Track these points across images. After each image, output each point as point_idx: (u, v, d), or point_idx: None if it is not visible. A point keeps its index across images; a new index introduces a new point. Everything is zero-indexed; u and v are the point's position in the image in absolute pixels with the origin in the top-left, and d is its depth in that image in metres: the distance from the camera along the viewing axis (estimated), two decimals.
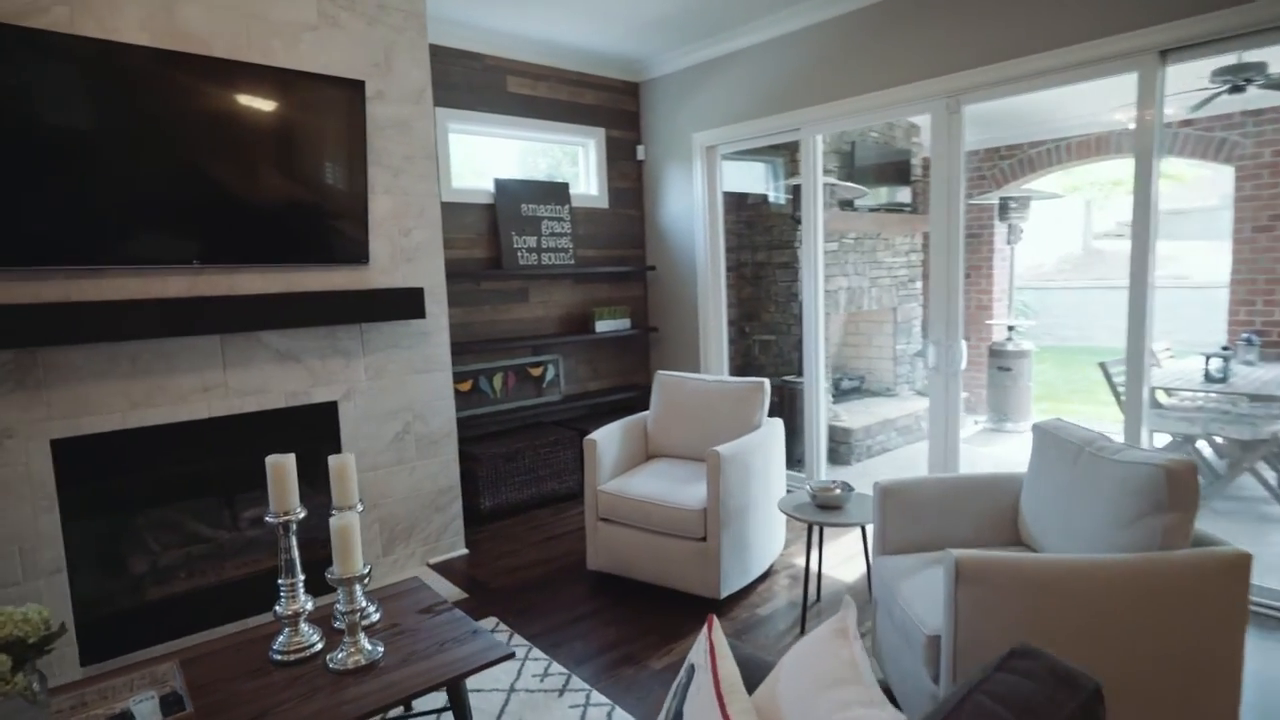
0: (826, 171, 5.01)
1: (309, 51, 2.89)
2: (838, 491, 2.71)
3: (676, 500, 2.83)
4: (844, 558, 3.29)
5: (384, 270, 3.16)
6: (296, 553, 1.83)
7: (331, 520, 1.69)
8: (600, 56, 4.49)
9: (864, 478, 4.38)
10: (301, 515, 1.85)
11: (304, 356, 2.96)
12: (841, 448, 4.97)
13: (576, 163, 4.74)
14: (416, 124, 3.20)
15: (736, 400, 3.18)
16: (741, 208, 5.26)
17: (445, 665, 1.75)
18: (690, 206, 4.59)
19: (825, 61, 3.71)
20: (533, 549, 3.51)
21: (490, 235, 4.21)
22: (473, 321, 4.16)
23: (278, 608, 1.83)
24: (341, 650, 1.75)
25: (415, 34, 3.17)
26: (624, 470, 3.24)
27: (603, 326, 4.56)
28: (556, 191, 4.44)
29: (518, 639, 2.64)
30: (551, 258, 4.40)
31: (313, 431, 3.02)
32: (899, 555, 2.24)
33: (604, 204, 4.74)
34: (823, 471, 4.13)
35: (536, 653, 2.55)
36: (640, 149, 4.86)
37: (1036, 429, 2.28)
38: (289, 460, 1.85)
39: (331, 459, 1.91)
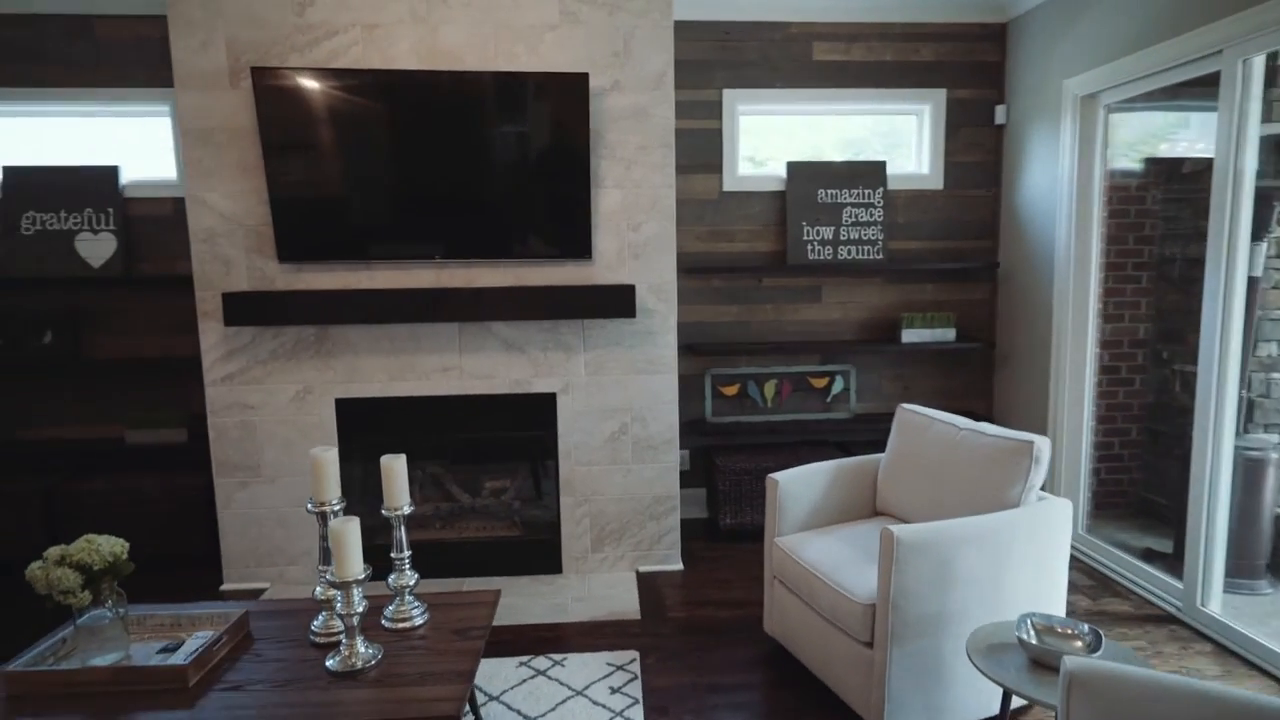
0: None
1: (549, 52, 2.96)
2: (1077, 642, 1.68)
3: (845, 581, 2.12)
4: None
5: (609, 266, 3.10)
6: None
7: (331, 524, 1.72)
8: None
9: None
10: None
11: (528, 348, 3.11)
12: None
13: (898, 137, 3.90)
14: (654, 111, 3.02)
15: (988, 462, 2.22)
16: (1174, 178, 3.63)
17: (394, 702, 1.63)
18: (1054, 183, 3.36)
19: None
20: (744, 586, 3.09)
21: (778, 226, 3.78)
22: (750, 321, 3.82)
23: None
24: (342, 650, 1.77)
25: (659, 16, 2.98)
26: (826, 522, 2.58)
27: (912, 336, 3.70)
28: (867, 173, 3.73)
29: (632, 688, 2.34)
30: (852, 251, 3.74)
31: (533, 419, 3.16)
32: None
33: (936, 184, 3.81)
34: (1213, 590, 2.64)
35: (635, 712, 2.23)
36: (1000, 110, 3.74)
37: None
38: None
39: (383, 460, 1.94)
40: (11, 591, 3.13)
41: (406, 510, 1.97)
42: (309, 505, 1.89)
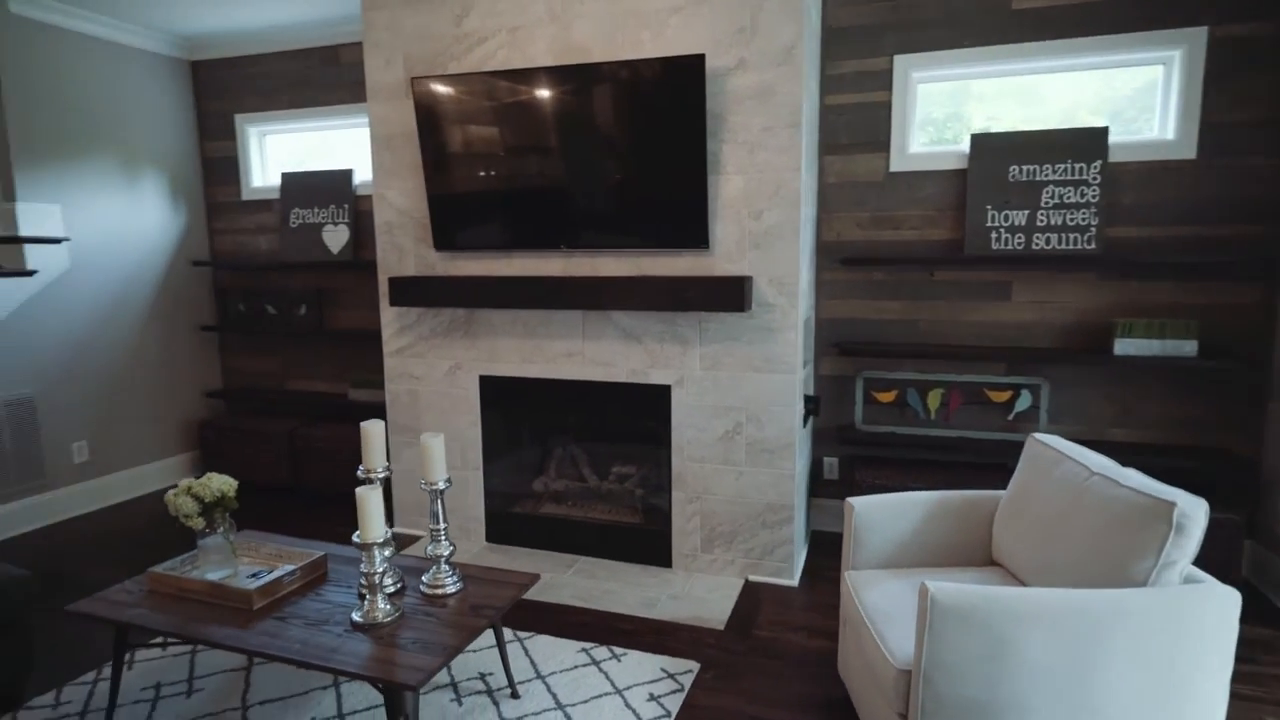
0: None
1: (674, 35, 2.88)
2: None
3: (890, 636, 1.79)
4: None
5: (728, 257, 2.94)
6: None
7: (357, 491, 1.91)
8: None
9: None
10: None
11: (645, 338, 3.10)
12: None
13: (1126, 97, 3.07)
14: (781, 89, 2.78)
15: (1114, 522, 1.70)
16: None
17: (377, 660, 1.77)
18: None
19: None
20: None
21: (955, 211, 3.25)
22: (918, 320, 3.35)
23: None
24: (365, 604, 1.98)
25: None
26: (919, 563, 2.19)
27: (1129, 348, 2.95)
28: (1080, 143, 3.03)
29: (671, 700, 2.25)
30: (1052, 240, 3.08)
31: (648, 410, 3.15)
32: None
33: (1185, 152, 2.95)
34: None
35: None
36: None
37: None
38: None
39: (423, 438, 2.10)
40: (262, 511, 3.98)
41: (442, 485, 2.11)
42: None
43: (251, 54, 4.34)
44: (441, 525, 2.14)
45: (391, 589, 2.12)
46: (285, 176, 4.34)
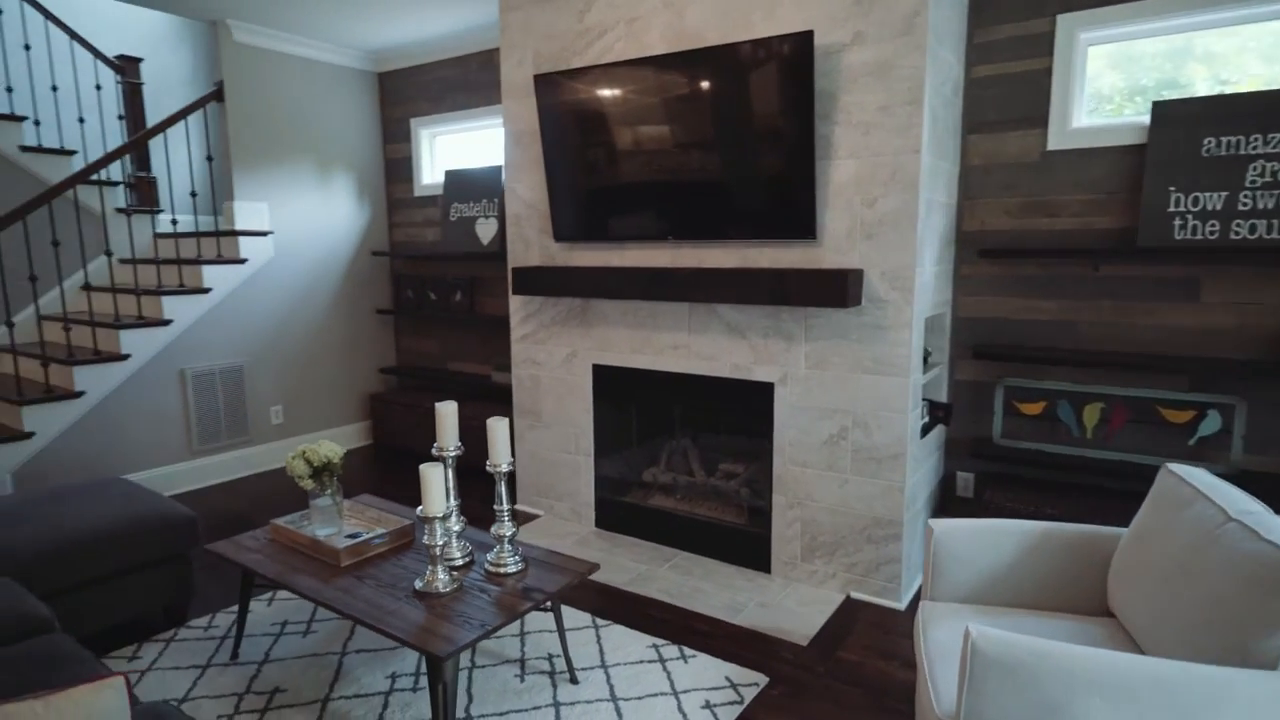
0: None
1: (785, 14, 2.72)
2: None
3: (941, 681, 1.57)
4: None
5: (837, 248, 2.73)
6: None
7: (421, 468, 2.04)
8: None
9: None
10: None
11: (749, 333, 2.98)
12: None
13: None
14: (901, 62, 2.51)
15: (1244, 582, 1.34)
16: None
17: (418, 627, 1.88)
18: None
19: None
20: None
21: (1127, 194, 2.75)
22: (1077, 322, 2.89)
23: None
24: (426, 573, 2.11)
25: None
26: (1014, 602, 1.89)
27: None
28: None
29: (726, 712, 2.15)
30: (1259, 228, 2.50)
31: (750, 407, 3.03)
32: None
33: None
34: None
35: None
36: None
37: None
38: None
39: (490, 422, 2.18)
40: (411, 478, 4.40)
41: (504, 468, 2.18)
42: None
43: (424, 63, 4.76)
44: (505, 506, 2.22)
45: (460, 562, 2.24)
46: (448, 174, 4.73)
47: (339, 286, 4.93)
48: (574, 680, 2.29)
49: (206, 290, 4.21)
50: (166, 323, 4.05)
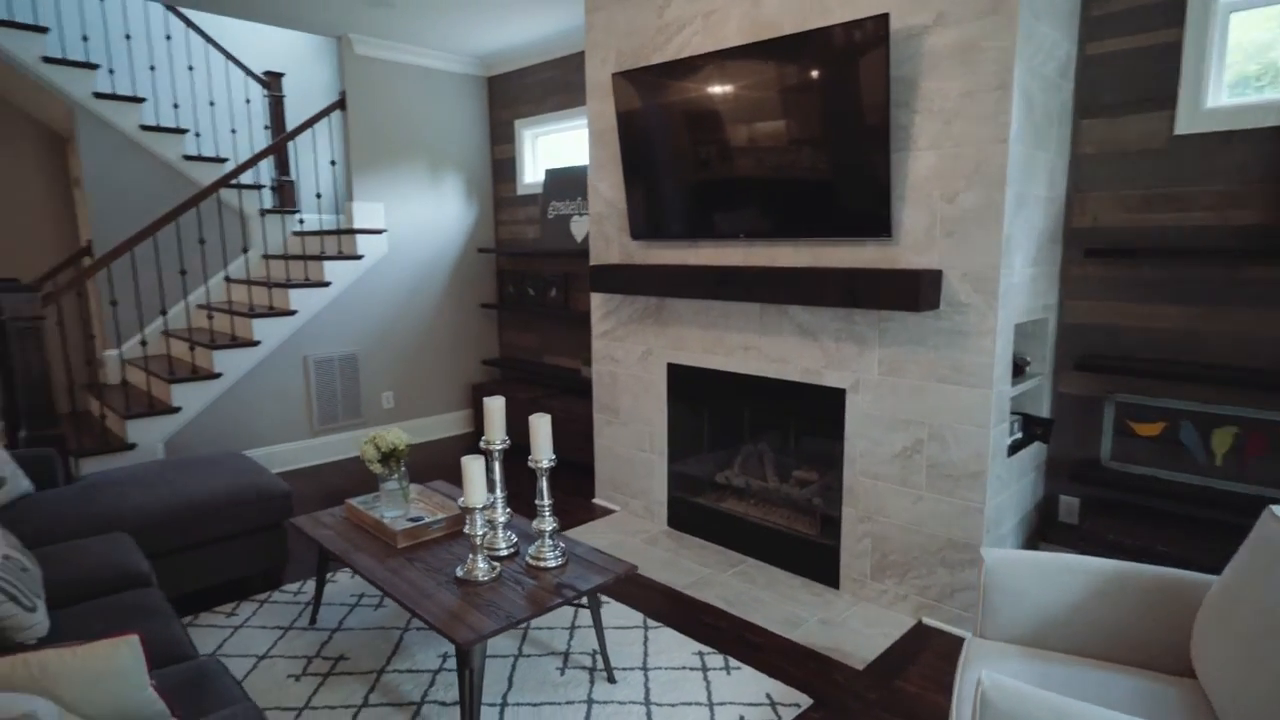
0: None
1: None
2: None
3: None
4: None
5: (915, 247, 2.54)
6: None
7: (462, 460, 2.11)
8: None
9: None
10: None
11: (820, 335, 2.84)
12: None
13: None
14: (986, 44, 2.29)
15: None
16: None
17: (448, 613, 1.94)
18: None
19: None
20: None
21: (1276, 184, 2.35)
22: (1204, 332, 2.52)
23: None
24: (468, 562, 2.18)
25: None
26: (1076, 649, 1.67)
27: None
28: None
29: None
30: None
31: (820, 413, 2.90)
32: None
33: None
34: None
35: None
36: None
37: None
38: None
39: (531, 419, 2.21)
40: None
41: (546, 464, 2.21)
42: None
43: (527, 66, 4.92)
44: (546, 502, 2.25)
45: (504, 552, 2.30)
46: (548, 173, 4.86)
47: (447, 281, 5.21)
48: (611, 679, 2.29)
49: (327, 284, 4.59)
50: (292, 313, 4.46)
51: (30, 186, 4.90)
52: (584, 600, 2.20)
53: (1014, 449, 2.64)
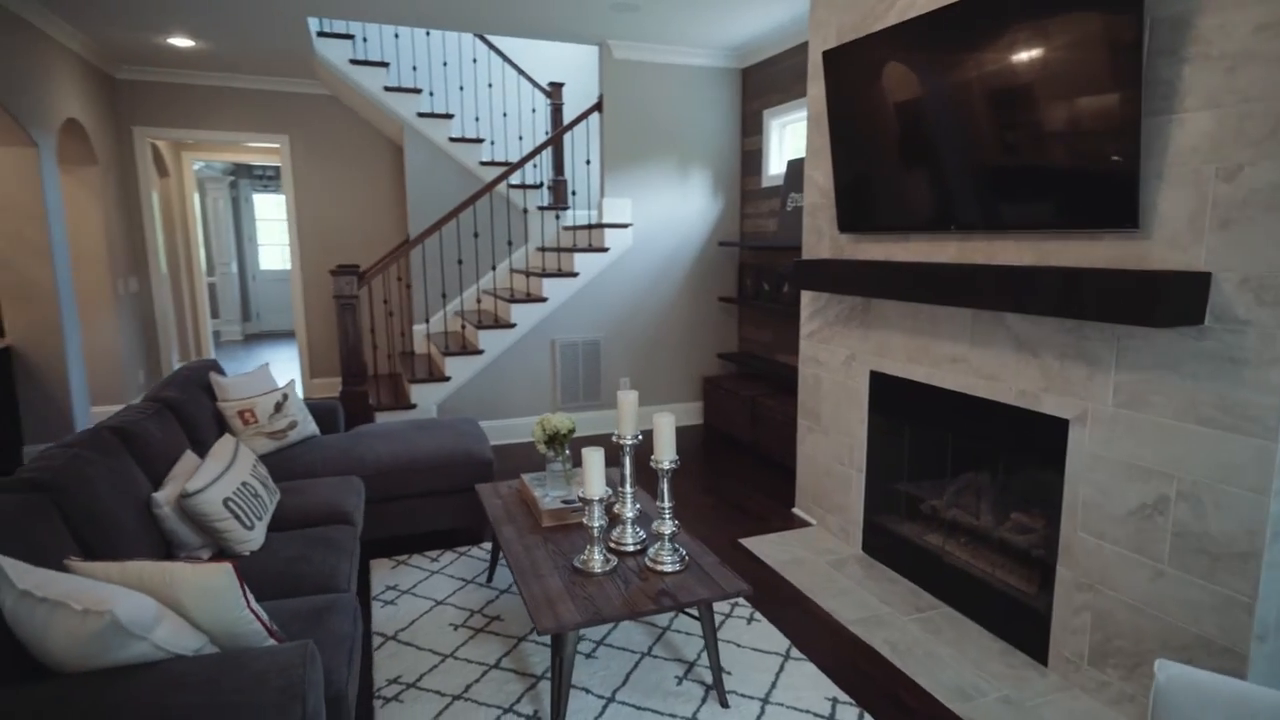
0: None
1: None
2: None
3: None
4: None
5: (1172, 241, 1.91)
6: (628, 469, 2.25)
7: (583, 451, 2.13)
8: None
9: None
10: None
11: (1041, 351, 2.29)
12: None
13: None
14: None
15: None
16: None
17: (544, 601, 1.98)
18: None
19: None
20: None
21: None
22: None
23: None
24: (585, 553, 2.20)
25: None
26: None
27: None
28: None
29: None
30: None
31: (1033, 446, 2.34)
32: None
33: None
34: None
35: None
36: None
37: None
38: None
39: (655, 418, 2.14)
40: (722, 457, 4.54)
41: (667, 465, 2.13)
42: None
43: (776, 53, 4.75)
44: (666, 504, 2.17)
45: (631, 549, 2.29)
46: (789, 164, 4.66)
47: (687, 273, 5.30)
48: (724, 704, 2.14)
49: (575, 274, 4.99)
50: (544, 300, 4.93)
51: (380, 189, 6.14)
52: (695, 611, 2.08)
53: None
